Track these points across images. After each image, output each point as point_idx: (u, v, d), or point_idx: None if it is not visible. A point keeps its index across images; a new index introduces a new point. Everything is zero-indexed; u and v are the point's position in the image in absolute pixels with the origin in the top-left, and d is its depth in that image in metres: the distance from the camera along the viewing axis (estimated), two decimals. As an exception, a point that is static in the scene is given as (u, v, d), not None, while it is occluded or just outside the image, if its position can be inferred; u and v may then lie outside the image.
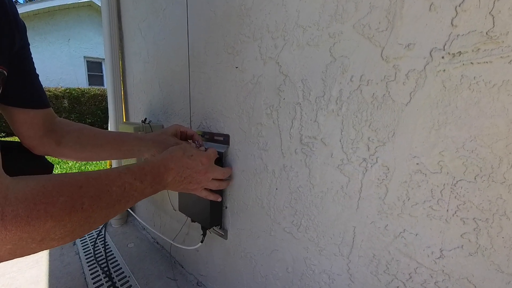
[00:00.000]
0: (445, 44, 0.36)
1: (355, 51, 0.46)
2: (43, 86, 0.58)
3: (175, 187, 0.55)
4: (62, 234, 0.32)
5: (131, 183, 0.41)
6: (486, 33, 0.33)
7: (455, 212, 0.38)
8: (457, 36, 0.35)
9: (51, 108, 0.60)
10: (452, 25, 0.35)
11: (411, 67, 0.40)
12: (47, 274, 1.09)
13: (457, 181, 0.37)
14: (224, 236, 0.83)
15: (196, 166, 0.57)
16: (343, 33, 0.47)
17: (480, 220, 0.36)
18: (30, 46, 0.54)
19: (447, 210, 0.38)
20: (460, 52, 0.35)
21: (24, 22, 0.50)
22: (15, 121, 0.54)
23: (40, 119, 0.57)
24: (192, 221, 0.86)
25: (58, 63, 7.45)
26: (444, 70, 0.36)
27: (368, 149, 0.46)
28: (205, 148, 0.67)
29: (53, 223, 0.31)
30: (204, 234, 0.84)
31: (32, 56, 0.55)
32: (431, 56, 0.37)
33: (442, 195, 0.39)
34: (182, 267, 1.14)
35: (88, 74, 8.30)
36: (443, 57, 0.36)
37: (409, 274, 0.44)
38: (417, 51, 0.39)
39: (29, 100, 0.54)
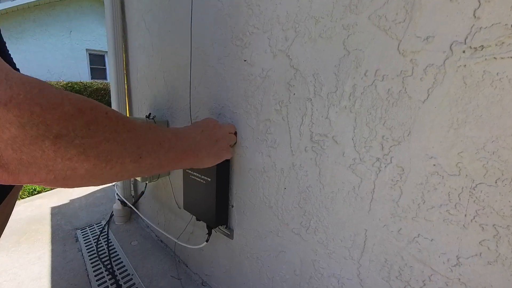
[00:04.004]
0: (467, 37, 0.35)
1: (370, 44, 0.46)
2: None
3: (209, 152, 0.60)
4: (84, 137, 0.29)
5: (156, 125, 0.45)
6: (511, 26, 0.32)
7: (474, 218, 0.38)
8: (480, 28, 0.34)
9: None
10: (475, 17, 0.35)
11: (429, 62, 0.39)
12: (50, 270, 1.14)
13: (476, 185, 0.37)
14: (230, 235, 0.85)
15: (208, 121, 0.64)
16: (358, 24, 0.47)
17: (500, 227, 0.36)
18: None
19: (465, 215, 0.38)
20: (482, 46, 0.34)
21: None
22: None
23: None
24: (197, 219, 0.87)
25: (59, 56, 7.60)
26: (465, 65, 0.36)
27: (382, 149, 0.46)
28: None
29: (72, 109, 0.28)
30: (209, 233, 0.86)
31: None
32: (451, 50, 0.37)
33: (460, 199, 0.39)
34: (187, 266, 1.17)
35: (90, 67, 8.43)
36: (464, 51, 0.36)
37: (423, 281, 0.44)
38: (436, 45, 0.38)
39: None
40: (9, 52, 0.58)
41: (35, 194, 2.04)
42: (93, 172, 0.31)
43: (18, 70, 0.59)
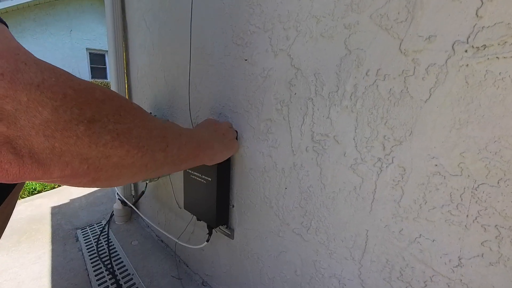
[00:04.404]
0: (469, 36, 0.35)
1: (372, 43, 0.46)
2: None
3: (221, 143, 0.62)
4: (116, 123, 0.28)
5: (168, 122, 0.46)
6: (515, 25, 0.32)
7: (476, 218, 0.38)
8: (482, 28, 0.34)
9: None
10: (477, 16, 0.34)
11: (431, 61, 0.39)
12: (50, 270, 1.14)
13: (478, 185, 0.37)
14: (231, 235, 0.85)
15: (209, 120, 0.67)
16: (360, 24, 0.47)
17: (502, 227, 0.36)
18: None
19: (467, 216, 0.38)
20: (484, 45, 0.34)
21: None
22: None
23: None
24: (198, 219, 0.88)
25: (59, 55, 7.62)
26: (467, 64, 0.36)
27: (384, 148, 0.46)
28: None
29: (102, 95, 0.28)
30: (210, 233, 0.86)
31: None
32: (453, 50, 0.37)
33: (462, 199, 0.39)
34: (187, 266, 1.17)
35: (90, 66, 8.45)
36: (466, 51, 0.36)
37: (425, 282, 0.44)
38: (438, 44, 0.38)
39: None
40: None
41: (35, 194, 2.05)
42: (125, 161, 0.31)
43: None
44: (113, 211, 1.57)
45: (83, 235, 1.42)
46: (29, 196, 2.01)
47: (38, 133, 0.22)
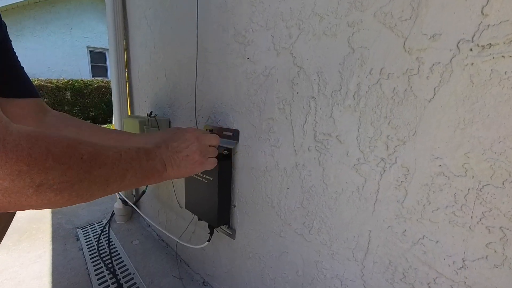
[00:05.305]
0: (474, 35, 0.35)
1: (376, 41, 0.45)
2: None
3: (178, 167, 0.58)
4: (61, 183, 0.35)
5: (126, 151, 0.47)
6: (521, 24, 0.32)
7: (480, 220, 0.37)
8: (488, 26, 0.34)
9: (41, 99, 0.65)
10: (482, 14, 0.34)
11: (436, 60, 0.39)
12: (50, 269, 1.15)
13: (483, 186, 0.37)
14: (232, 235, 0.85)
15: (182, 137, 0.61)
16: (363, 22, 0.47)
17: (507, 229, 0.35)
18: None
19: (471, 217, 0.38)
20: (490, 44, 0.34)
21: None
22: (5, 114, 0.58)
23: (31, 110, 0.61)
24: (199, 219, 0.88)
25: (60, 53, 7.64)
26: (472, 63, 0.36)
27: (387, 148, 0.46)
28: None
29: (53, 163, 0.34)
30: (211, 233, 0.86)
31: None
32: (458, 48, 0.37)
33: (466, 200, 0.38)
34: (188, 266, 1.17)
35: (91, 65, 8.47)
36: (471, 50, 0.36)
37: (428, 284, 0.44)
38: (443, 43, 0.38)
39: (16, 89, 0.59)
40: (14, 51, 0.59)
41: (36, 193, 2.06)
42: (66, 203, 0.38)
43: (22, 68, 0.60)
44: (113, 211, 1.58)
45: (83, 234, 1.43)
46: (29, 195, 2.02)
47: None
